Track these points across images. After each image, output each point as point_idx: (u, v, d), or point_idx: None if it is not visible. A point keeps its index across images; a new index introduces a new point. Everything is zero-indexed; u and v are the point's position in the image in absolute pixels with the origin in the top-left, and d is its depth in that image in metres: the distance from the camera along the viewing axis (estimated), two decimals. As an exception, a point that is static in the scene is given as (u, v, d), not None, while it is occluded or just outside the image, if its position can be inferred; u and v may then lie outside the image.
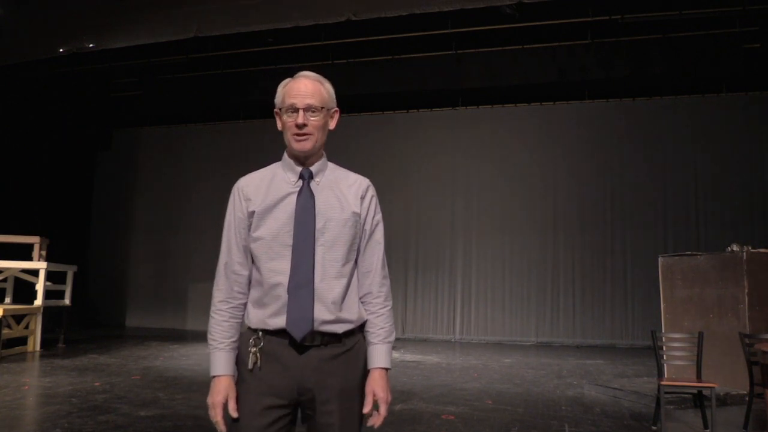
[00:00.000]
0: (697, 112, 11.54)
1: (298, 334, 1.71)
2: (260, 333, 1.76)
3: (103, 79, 13.11)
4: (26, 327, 8.54)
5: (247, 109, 13.28)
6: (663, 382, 4.57)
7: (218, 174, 12.72)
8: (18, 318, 8.38)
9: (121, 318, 14.06)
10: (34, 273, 8.93)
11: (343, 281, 1.78)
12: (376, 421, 1.77)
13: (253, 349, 1.74)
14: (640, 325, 11.06)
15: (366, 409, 1.75)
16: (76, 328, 11.20)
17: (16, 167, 11.45)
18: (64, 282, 9.65)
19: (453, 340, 12.12)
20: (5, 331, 7.97)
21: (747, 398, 4.77)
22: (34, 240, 9.24)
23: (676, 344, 4.86)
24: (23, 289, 9.28)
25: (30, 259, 9.17)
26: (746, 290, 5.90)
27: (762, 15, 9.39)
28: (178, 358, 8.52)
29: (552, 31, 10.40)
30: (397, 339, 12.05)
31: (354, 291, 1.81)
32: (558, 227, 12.09)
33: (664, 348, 4.85)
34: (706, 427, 4.68)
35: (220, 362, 1.77)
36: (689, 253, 6.78)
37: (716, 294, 6.18)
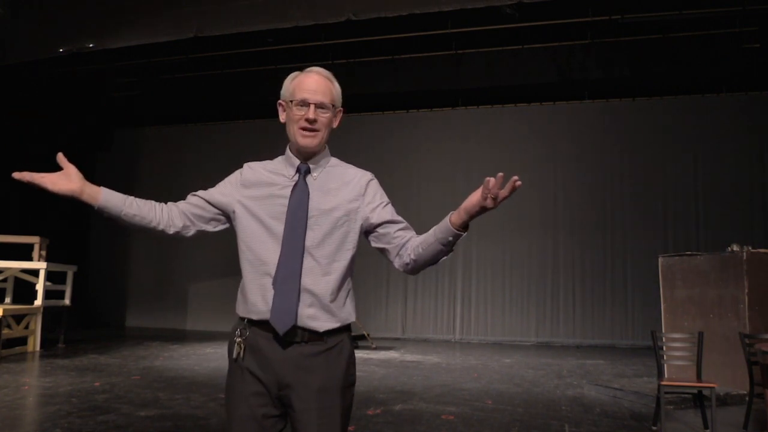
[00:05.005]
0: (697, 112, 11.53)
1: (281, 328, 1.70)
2: (246, 323, 1.77)
3: (103, 79, 13.10)
4: (26, 327, 8.54)
5: (246, 109, 13.26)
6: (663, 382, 4.57)
7: (218, 174, 12.63)
8: (18, 318, 8.39)
9: (121, 318, 14.05)
10: (34, 273, 8.93)
11: (330, 278, 1.77)
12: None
13: (238, 340, 1.76)
14: (640, 325, 11.04)
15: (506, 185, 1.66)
16: (76, 328, 11.19)
17: (16, 167, 11.38)
18: (64, 282, 9.64)
19: (453, 340, 12.11)
20: (5, 331, 7.97)
21: (747, 398, 4.78)
22: (34, 240, 9.24)
23: (676, 344, 4.86)
24: (23, 289, 9.26)
25: (30, 259, 9.17)
26: (746, 290, 5.90)
27: (762, 15, 9.38)
28: (178, 358, 8.52)
29: (552, 31, 10.38)
30: (396, 339, 12.09)
31: (342, 290, 1.80)
32: (558, 227, 12.08)
33: (664, 348, 4.85)
34: (706, 427, 4.68)
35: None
36: (689, 253, 6.78)
37: (716, 294, 6.18)
